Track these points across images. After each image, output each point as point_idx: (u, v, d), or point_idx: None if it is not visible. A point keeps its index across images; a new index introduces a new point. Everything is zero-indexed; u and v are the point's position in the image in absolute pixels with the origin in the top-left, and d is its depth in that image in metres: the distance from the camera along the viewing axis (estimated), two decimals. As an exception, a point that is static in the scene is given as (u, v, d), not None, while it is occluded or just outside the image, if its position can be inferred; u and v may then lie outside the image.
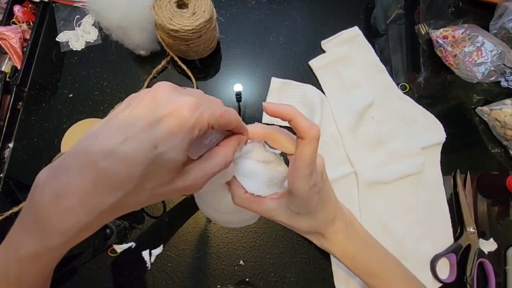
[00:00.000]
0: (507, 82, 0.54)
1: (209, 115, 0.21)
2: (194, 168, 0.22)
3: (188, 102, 0.20)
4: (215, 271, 0.45)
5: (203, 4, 0.47)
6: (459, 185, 0.49)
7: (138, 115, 0.20)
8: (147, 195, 0.20)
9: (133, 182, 0.19)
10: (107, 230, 0.42)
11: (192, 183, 0.22)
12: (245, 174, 0.28)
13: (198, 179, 0.22)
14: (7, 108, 0.52)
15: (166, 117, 0.19)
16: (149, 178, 0.20)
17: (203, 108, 0.20)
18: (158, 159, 0.19)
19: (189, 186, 0.22)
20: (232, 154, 0.24)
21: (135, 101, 0.20)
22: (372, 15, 0.60)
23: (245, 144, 0.27)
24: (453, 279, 0.45)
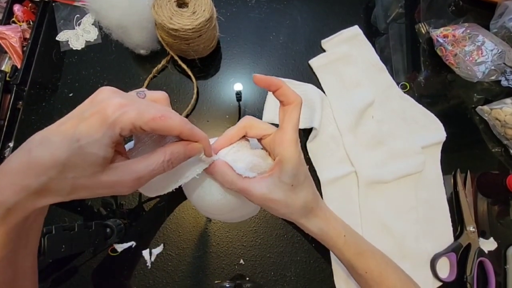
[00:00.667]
0: (507, 81, 0.54)
1: (134, 116, 0.22)
2: (123, 166, 0.24)
3: (114, 102, 0.22)
4: (215, 270, 0.45)
5: (203, 3, 0.46)
6: (459, 184, 0.49)
7: (73, 113, 0.23)
8: (69, 184, 0.22)
9: (56, 169, 0.22)
10: (108, 230, 0.42)
11: (118, 180, 0.23)
12: (234, 160, 0.30)
13: (125, 176, 0.23)
14: (7, 108, 0.52)
15: (91, 115, 0.22)
16: (71, 168, 0.22)
17: (128, 109, 0.22)
18: (79, 150, 0.22)
19: (115, 182, 0.23)
20: (171, 157, 0.25)
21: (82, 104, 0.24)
22: (373, 14, 0.60)
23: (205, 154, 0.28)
24: (453, 278, 0.45)
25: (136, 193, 0.48)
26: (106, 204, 0.48)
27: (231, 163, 0.29)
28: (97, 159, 0.22)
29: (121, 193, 0.25)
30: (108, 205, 0.48)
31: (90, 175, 0.23)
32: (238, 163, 0.30)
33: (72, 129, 0.22)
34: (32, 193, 0.22)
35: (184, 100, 0.53)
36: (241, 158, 0.30)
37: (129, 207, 0.47)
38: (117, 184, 0.23)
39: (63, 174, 0.22)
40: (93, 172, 0.23)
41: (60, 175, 0.22)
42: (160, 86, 0.54)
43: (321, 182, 0.49)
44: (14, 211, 0.22)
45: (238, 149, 0.31)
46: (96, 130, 0.22)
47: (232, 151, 0.30)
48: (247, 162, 0.30)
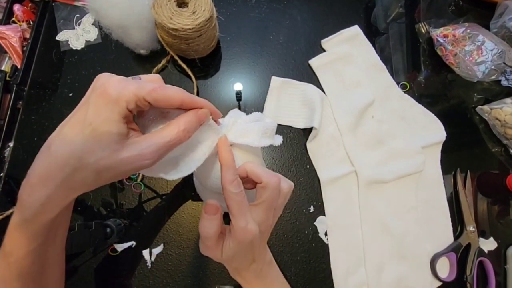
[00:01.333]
0: (507, 81, 0.54)
1: (135, 89, 0.23)
2: (141, 140, 0.24)
3: (113, 81, 0.23)
4: (216, 270, 0.45)
5: (203, 3, 0.46)
6: (459, 184, 0.49)
7: (80, 104, 0.24)
8: (93, 169, 0.23)
9: (75, 157, 0.22)
10: (108, 229, 0.42)
11: (138, 153, 0.24)
12: (242, 135, 0.31)
13: (144, 149, 0.24)
14: (7, 108, 0.52)
15: (96, 98, 0.23)
16: (90, 152, 0.23)
17: (127, 83, 0.23)
18: (94, 133, 0.22)
19: (136, 156, 0.24)
20: (185, 126, 0.26)
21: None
22: (373, 14, 0.60)
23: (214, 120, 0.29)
24: (453, 278, 0.45)
25: (136, 193, 0.48)
26: (106, 204, 0.48)
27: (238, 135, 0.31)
28: (112, 136, 0.23)
29: (143, 167, 0.25)
30: (108, 205, 0.48)
31: (110, 155, 0.23)
32: (249, 135, 0.31)
33: (82, 116, 0.23)
34: (61, 186, 0.23)
35: (184, 100, 0.53)
36: (249, 128, 0.31)
37: (129, 207, 0.47)
38: (138, 159, 0.24)
39: (84, 160, 0.23)
40: (112, 150, 0.23)
41: (81, 163, 0.23)
42: (160, 86, 0.54)
43: (321, 182, 0.49)
44: (48, 206, 0.24)
45: (236, 117, 0.33)
46: (104, 110, 0.23)
47: (231, 121, 0.32)
48: (258, 132, 0.31)
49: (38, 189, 0.24)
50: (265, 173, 0.29)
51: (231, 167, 0.28)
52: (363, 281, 0.45)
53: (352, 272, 0.45)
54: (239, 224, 0.28)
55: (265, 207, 0.29)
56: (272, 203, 0.29)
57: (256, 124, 0.32)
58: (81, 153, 0.23)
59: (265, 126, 0.32)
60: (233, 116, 0.33)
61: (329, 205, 0.48)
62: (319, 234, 0.47)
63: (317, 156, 0.50)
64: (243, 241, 0.28)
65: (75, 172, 0.23)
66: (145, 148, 0.24)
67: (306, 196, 0.49)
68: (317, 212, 0.48)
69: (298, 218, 0.48)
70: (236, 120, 0.32)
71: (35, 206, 0.24)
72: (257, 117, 0.34)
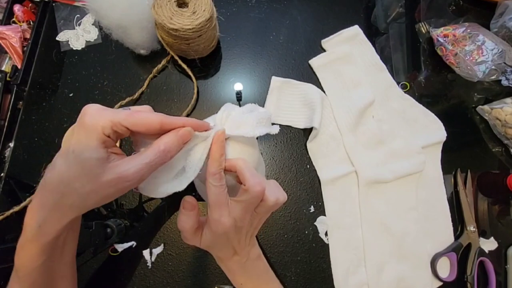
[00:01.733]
0: (507, 81, 0.54)
1: (110, 115, 0.25)
2: (121, 163, 0.26)
3: (91, 110, 0.25)
4: (216, 270, 0.45)
5: (203, 3, 0.46)
6: (459, 184, 0.49)
7: (66, 134, 0.27)
8: (80, 194, 0.25)
9: (63, 183, 0.25)
10: (108, 230, 0.42)
11: (119, 176, 0.25)
12: (237, 126, 0.31)
13: (125, 171, 0.25)
14: (8, 108, 0.52)
15: (77, 127, 0.26)
16: (75, 178, 0.24)
17: (104, 111, 0.25)
18: (76, 159, 0.24)
19: (117, 179, 0.25)
20: (165, 146, 0.27)
21: None
22: (373, 14, 0.60)
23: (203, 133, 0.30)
24: (454, 278, 0.45)
25: (136, 193, 0.48)
26: (107, 204, 0.48)
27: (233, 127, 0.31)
28: (92, 161, 0.25)
29: (127, 189, 0.26)
30: (109, 205, 0.48)
31: (93, 179, 0.25)
32: (245, 125, 0.31)
33: (67, 145, 0.25)
34: (53, 210, 0.26)
35: (184, 100, 0.53)
36: (244, 119, 0.32)
37: (129, 207, 0.47)
38: (120, 181, 0.25)
39: (71, 185, 0.25)
40: (95, 175, 0.25)
41: (68, 188, 0.25)
42: (160, 86, 0.54)
43: (321, 181, 0.49)
44: (45, 228, 0.27)
45: (230, 110, 0.33)
46: (83, 137, 0.25)
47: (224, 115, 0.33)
48: (253, 121, 0.32)
49: (36, 212, 0.26)
50: (250, 178, 0.30)
51: (216, 160, 0.29)
52: (363, 281, 0.45)
53: (352, 272, 0.45)
54: (213, 216, 0.30)
55: (243, 206, 0.30)
56: (249, 207, 0.31)
57: (251, 115, 0.32)
58: (67, 179, 0.25)
59: (260, 115, 0.32)
60: (227, 110, 0.33)
61: (329, 205, 0.48)
62: (320, 234, 0.47)
63: (317, 156, 0.50)
64: (216, 232, 0.30)
65: (64, 197, 0.25)
66: (126, 171, 0.25)
67: (306, 196, 0.49)
68: (318, 212, 0.48)
69: (299, 218, 0.48)
70: (230, 113, 0.33)
71: (34, 228, 0.26)
72: (251, 108, 0.35)
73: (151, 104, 0.53)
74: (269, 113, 0.34)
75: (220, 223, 0.30)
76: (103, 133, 0.25)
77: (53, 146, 0.50)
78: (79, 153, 0.24)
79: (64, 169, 0.25)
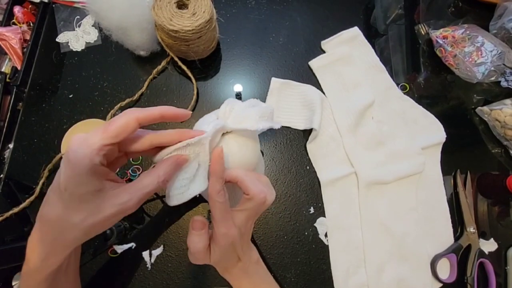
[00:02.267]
0: (507, 82, 0.54)
1: (92, 143, 0.24)
2: (121, 192, 0.26)
3: (72, 144, 0.24)
4: (216, 272, 0.45)
5: (203, 4, 0.47)
6: (459, 185, 0.49)
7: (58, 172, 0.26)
8: (80, 229, 0.25)
9: (61, 220, 0.25)
10: (107, 231, 0.42)
11: (121, 208, 0.26)
12: (242, 119, 0.32)
13: (126, 202, 0.26)
14: (7, 109, 0.52)
15: (63, 164, 0.24)
16: (73, 214, 0.24)
17: (84, 142, 0.24)
18: (72, 197, 0.24)
19: (119, 211, 0.26)
20: (165, 176, 0.28)
21: None
22: (372, 15, 0.60)
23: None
24: (454, 279, 0.45)
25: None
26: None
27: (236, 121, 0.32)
28: (88, 196, 0.24)
29: (127, 214, 0.27)
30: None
31: (94, 213, 0.25)
32: (247, 119, 0.31)
33: (57, 183, 0.25)
34: (54, 244, 0.26)
35: (184, 101, 0.53)
36: (247, 112, 0.32)
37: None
38: (121, 211, 0.26)
39: (71, 221, 0.25)
40: (94, 208, 0.25)
41: (68, 223, 0.25)
42: (160, 87, 0.54)
43: (321, 183, 0.49)
44: (47, 261, 0.27)
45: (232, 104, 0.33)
46: (72, 174, 0.24)
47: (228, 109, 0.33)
48: (256, 115, 0.32)
49: (37, 246, 0.27)
50: (253, 187, 0.30)
51: (220, 178, 0.29)
52: (363, 282, 0.45)
53: (352, 273, 0.45)
54: (220, 231, 0.30)
55: (247, 214, 0.31)
56: (253, 214, 0.31)
57: (253, 109, 0.33)
58: (66, 216, 0.25)
59: (262, 110, 0.33)
60: (229, 104, 0.33)
61: (329, 206, 0.48)
62: (319, 235, 0.47)
63: (317, 157, 0.50)
64: (224, 245, 0.30)
65: (64, 232, 0.25)
66: (127, 202, 0.26)
67: (306, 197, 0.49)
68: (317, 213, 0.48)
69: (298, 219, 0.48)
70: (233, 107, 0.33)
71: (37, 261, 0.27)
72: (253, 103, 0.35)
73: (150, 105, 0.52)
74: (272, 108, 0.34)
75: (228, 236, 0.30)
76: (92, 164, 0.24)
77: (52, 147, 0.50)
78: (73, 191, 0.24)
79: (61, 207, 0.25)
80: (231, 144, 0.32)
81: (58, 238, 0.26)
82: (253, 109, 0.33)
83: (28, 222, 0.46)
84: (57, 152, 0.49)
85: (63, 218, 0.25)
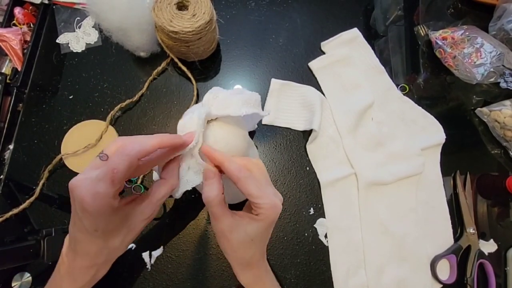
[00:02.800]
0: (506, 83, 0.54)
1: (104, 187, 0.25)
2: (144, 209, 0.30)
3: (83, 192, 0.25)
4: (216, 273, 0.45)
5: (203, 6, 0.47)
6: (459, 186, 0.49)
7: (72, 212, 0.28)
8: (123, 248, 0.31)
9: (103, 247, 0.29)
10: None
11: (149, 220, 0.31)
12: (226, 106, 0.32)
13: (152, 214, 0.30)
14: (8, 110, 0.52)
15: (81, 211, 0.26)
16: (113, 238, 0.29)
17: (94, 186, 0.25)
18: (105, 235, 0.28)
19: (149, 221, 0.31)
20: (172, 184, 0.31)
21: None
22: (372, 17, 0.60)
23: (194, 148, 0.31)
24: (453, 280, 0.45)
25: (136, 195, 0.48)
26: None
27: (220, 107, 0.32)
28: (118, 225, 0.29)
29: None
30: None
31: (130, 231, 0.30)
32: (232, 105, 0.32)
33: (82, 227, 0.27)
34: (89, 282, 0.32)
35: (184, 102, 0.53)
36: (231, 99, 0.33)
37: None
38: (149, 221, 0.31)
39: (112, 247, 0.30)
40: (128, 227, 0.30)
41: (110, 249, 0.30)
42: (160, 88, 0.54)
43: (321, 183, 0.49)
44: (96, 277, 0.33)
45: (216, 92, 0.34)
46: (97, 216, 0.26)
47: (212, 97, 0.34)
48: (240, 102, 0.33)
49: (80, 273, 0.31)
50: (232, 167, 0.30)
51: (229, 159, 0.30)
52: (363, 283, 0.45)
53: (352, 274, 0.45)
54: (266, 202, 0.29)
55: (265, 183, 0.31)
56: (266, 178, 0.32)
57: (237, 96, 0.33)
58: (107, 244, 0.29)
59: (246, 97, 0.33)
60: (213, 92, 0.34)
61: (329, 207, 0.48)
62: (319, 236, 0.47)
63: (316, 158, 0.50)
64: (273, 218, 0.30)
65: (110, 254, 0.31)
66: (152, 213, 0.30)
67: (306, 198, 0.49)
68: (317, 214, 0.48)
69: (298, 220, 0.48)
70: (217, 95, 0.33)
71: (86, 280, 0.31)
72: (238, 91, 0.35)
73: (150, 106, 0.53)
74: (257, 95, 0.35)
75: (276, 206, 0.30)
76: (112, 208, 0.27)
77: (52, 148, 0.50)
78: (104, 229, 0.27)
79: (98, 242, 0.28)
80: (216, 131, 0.33)
81: (106, 260, 0.31)
82: (237, 96, 0.33)
83: (28, 223, 0.46)
84: (57, 153, 0.49)
85: (104, 247, 0.29)
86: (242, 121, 0.36)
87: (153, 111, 0.53)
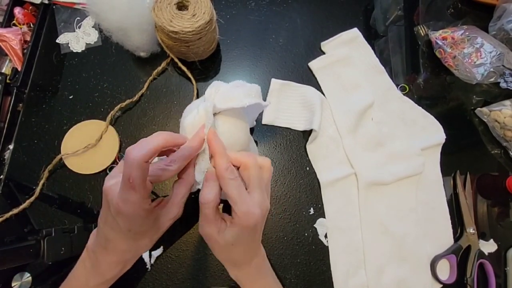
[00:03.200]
0: (506, 83, 0.54)
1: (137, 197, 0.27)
2: (169, 208, 0.32)
3: (120, 199, 0.27)
4: (215, 273, 0.45)
5: (203, 6, 0.47)
6: (459, 186, 0.49)
7: (103, 213, 0.31)
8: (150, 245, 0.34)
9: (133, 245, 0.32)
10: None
11: (175, 219, 0.32)
12: (228, 99, 0.33)
13: (177, 213, 0.32)
14: (8, 110, 0.52)
15: (116, 214, 0.29)
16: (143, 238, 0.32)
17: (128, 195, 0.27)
18: (136, 236, 0.31)
19: (174, 220, 0.33)
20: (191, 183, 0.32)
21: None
22: (372, 17, 0.60)
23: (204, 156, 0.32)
24: (453, 280, 0.45)
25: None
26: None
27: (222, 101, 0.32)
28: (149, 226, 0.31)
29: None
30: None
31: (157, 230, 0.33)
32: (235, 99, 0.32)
33: (116, 226, 0.29)
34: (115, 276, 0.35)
35: (184, 102, 0.53)
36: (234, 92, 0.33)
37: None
38: (174, 220, 0.33)
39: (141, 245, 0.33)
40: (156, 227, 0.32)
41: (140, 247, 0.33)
42: (160, 88, 0.54)
43: (321, 183, 0.49)
44: (124, 270, 0.35)
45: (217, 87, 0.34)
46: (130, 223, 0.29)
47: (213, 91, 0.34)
48: (242, 94, 0.33)
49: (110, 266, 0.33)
50: (240, 155, 0.31)
51: (223, 154, 0.30)
52: (363, 283, 0.45)
53: (352, 274, 0.45)
54: (241, 209, 0.28)
55: (256, 186, 0.29)
56: (260, 181, 0.30)
57: (239, 89, 0.33)
58: (137, 243, 0.32)
59: (248, 89, 0.34)
60: (215, 86, 0.34)
61: (329, 207, 0.48)
62: (319, 236, 0.47)
63: (316, 158, 0.50)
64: (247, 226, 0.29)
65: (138, 251, 0.34)
66: (177, 213, 0.32)
67: (306, 198, 0.49)
68: (317, 214, 0.48)
69: (298, 220, 0.48)
70: (218, 89, 0.34)
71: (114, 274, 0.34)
72: (239, 84, 0.36)
73: (150, 106, 0.53)
74: (257, 87, 0.35)
75: (251, 215, 0.28)
76: (146, 211, 0.29)
77: (52, 148, 0.50)
78: (137, 230, 0.30)
79: (129, 241, 0.31)
80: (219, 124, 0.33)
81: (134, 256, 0.34)
82: (238, 89, 0.34)
83: (28, 223, 0.46)
84: (57, 153, 0.49)
85: (134, 245, 0.31)
86: (244, 114, 0.36)
87: (153, 111, 0.53)
